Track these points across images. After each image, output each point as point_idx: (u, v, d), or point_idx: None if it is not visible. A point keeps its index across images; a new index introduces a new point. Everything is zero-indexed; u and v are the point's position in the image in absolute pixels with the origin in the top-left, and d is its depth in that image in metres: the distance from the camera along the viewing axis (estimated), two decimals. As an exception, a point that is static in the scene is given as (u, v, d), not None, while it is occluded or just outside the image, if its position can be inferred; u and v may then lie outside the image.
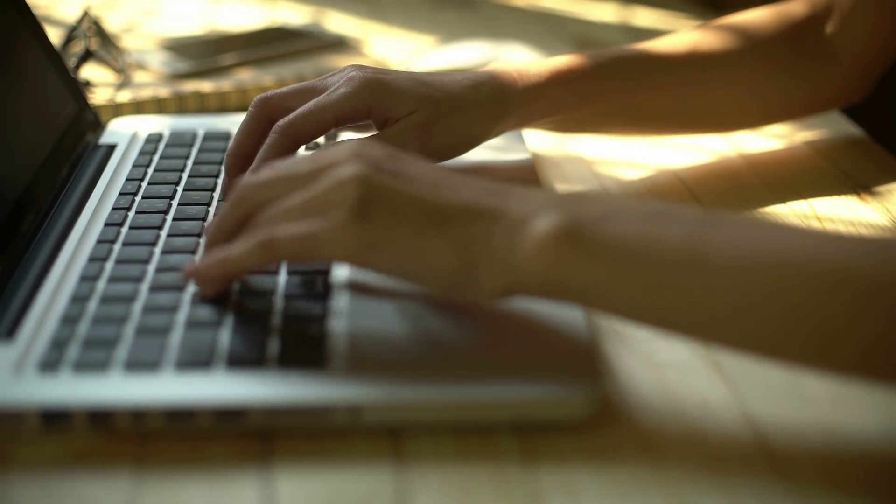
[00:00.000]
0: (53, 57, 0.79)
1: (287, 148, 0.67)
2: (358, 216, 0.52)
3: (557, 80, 0.71)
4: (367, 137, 0.67)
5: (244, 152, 0.69)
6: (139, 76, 0.93)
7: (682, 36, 0.77)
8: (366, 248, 0.53)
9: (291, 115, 0.67)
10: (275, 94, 0.69)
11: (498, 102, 0.70)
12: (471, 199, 0.54)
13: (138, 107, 0.88)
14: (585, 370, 0.54)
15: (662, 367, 0.57)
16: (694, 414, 0.54)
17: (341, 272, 0.61)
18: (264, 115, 0.69)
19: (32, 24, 0.78)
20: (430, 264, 0.53)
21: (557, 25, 1.14)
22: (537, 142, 0.84)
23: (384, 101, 0.67)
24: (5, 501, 0.49)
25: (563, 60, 0.72)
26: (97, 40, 0.91)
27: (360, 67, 0.69)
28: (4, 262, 0.64)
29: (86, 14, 0.95)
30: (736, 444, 0.52)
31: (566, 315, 0.57)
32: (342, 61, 0.96)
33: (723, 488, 0.49)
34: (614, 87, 0.74)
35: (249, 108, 0.69)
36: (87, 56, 0.88)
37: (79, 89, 0.80)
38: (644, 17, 1.17)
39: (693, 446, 0.51)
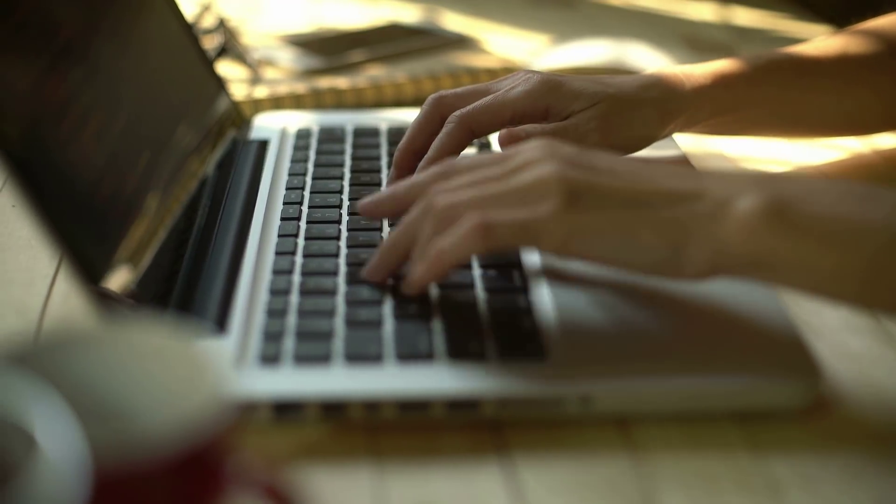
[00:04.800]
0: (200, 53, 0.80)
1: (462, 139, 0.68)
2: (567, 206, 0.53)
3: (721, 83, 0.72)
4: (550, 128, 0.68)
5: (415, 149, 0.70)
6: (268, 72, 0.94)
7: (830, 41, 0.77)
8: (576, 235, 0.53)
9: (470, 107, 0.68)
10: (450, 94, 0.70)
11: (669, 103, 0.71)
12: (669, 183, 0.54)
13: (276, 102, 0.89)
14: (801, 359, 0.55)
15: (858, 356, 0.58)
16: (896, 399, 0.55)
17: (534, 264, 0.62)
18: (438, 114, 0.69)
19: (181, 19, 0.78)
20: (637, 248, 0.53)
21: (658, 24, 1.15)
22: (680, 140, 0.85)
23: (562, 100, 0.68)
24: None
25: (724, 64, 0.73)
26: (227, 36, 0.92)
27: (535, 70, 0.70)
28: (190, 255, 0.65)
29: (207, 9, 0.96)
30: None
31: (762, 305, 0.58)
32: (466, 59, 0.97)
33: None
34: (771, 91, 0.75)
35: (424, 106, 0.70)
36: (222, 52, 0.89)
37: (223, 85, 0.81)
38: (743, 17, 1.17)
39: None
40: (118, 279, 0.57)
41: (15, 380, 0.36)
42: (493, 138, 0.76)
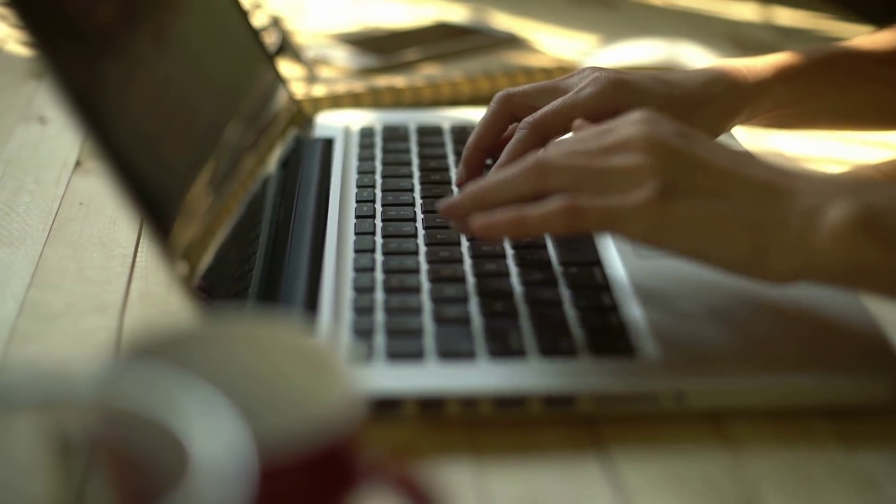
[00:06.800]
0: (264, 50, 0.80)
1: (535, 144, 0.68)
2: (658, 196, 0.53)
3: (782, 77, 0.73)
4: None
5: (483, 146, 0.71)
6: (324, 71, 0.95)
7: (885, 34, 0.78)
8: (663, 227, 0.54)
9: (541, 112, 0.68)
10: (518, 92, 0.70)
11: (733, 98, 0.71)
12: (762, 179, 0.55)
13: (335, 101, 0.89)
14: (888, 356, 0.56)
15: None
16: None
17: (615, 262, 0.63)
18: (507, 112, 0.70)
19: (245, 18, 0.79)
20: (723, 244, 0.54)
21: (701, 23, 1.16)
22: (740, 138, 0.85)
23: (630, 101, 0.68)
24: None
25: (784, 57, 0.74)
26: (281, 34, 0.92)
27: (601, 69, 0.70)
28: (265, 253, 0.65)
29: (258, 7, 0.96)
30: None
31: (845, 301, 0.59)
32: (519, 58, 0.97)
33: None
34: (830, 84, 0.75)
35: (492, 104, 0.70)
36: (281, 50, 0.90)
37: (285, 83, 0.81)
38: (784, 17, 1.18)
39: None
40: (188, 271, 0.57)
41: (158, 377, 0.37)
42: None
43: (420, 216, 0.68)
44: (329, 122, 0.82)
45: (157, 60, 0.63)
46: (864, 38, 0.78)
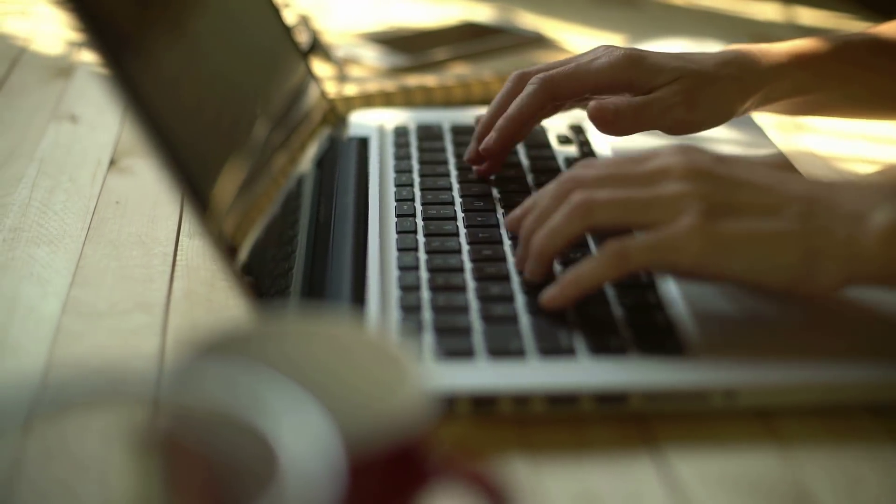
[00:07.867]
0: (297, 48, 0.80)
1: (543, 100, 0.69)
2: (705, 220, 0.54)
3: (797, 62, 0.73)
4: (638, 101, 0.69)
5: (495, 123, 0.71)
6: (353, 70, 0.95)
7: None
8: (713, 250, 0.54)
9: (555, 71, 0.70)
10: (532, 69, 0.72)
11: (746, 79, 0.72)
12: (804, 193, 0.55)
13: (367, 100, 0.90)
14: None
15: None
16: None
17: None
18: (521, 90, 0.71)
19: (279, 17, 0.79)
20: (772, 262, 0.55)
21: (723, 23, 1.16)
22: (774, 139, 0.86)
23: (645, 74, 0.69)
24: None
25: (801, 43, 0.74)
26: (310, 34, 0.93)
27: (615, 46, 0.71)
28: (306, 251, 0.66)
29: (287, 6, 0.97)
30: None
31: (894, 297, 0.59)
32: (547, 57, 0.98)
33: None
34: (846, 70, 0.75)
35: (507, 83, 0.72)
36: (312, 49, 0.90)
37: (317, 81, 0.82)
38: (806, 16, 1.19)
39: None
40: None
41: (238, 374, 0.37)
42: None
43: (461, 215, 0.69)
44: (363, 121, 0.83)
45: (193, 57, 0.63)
46: (886, 24, 0.77)
